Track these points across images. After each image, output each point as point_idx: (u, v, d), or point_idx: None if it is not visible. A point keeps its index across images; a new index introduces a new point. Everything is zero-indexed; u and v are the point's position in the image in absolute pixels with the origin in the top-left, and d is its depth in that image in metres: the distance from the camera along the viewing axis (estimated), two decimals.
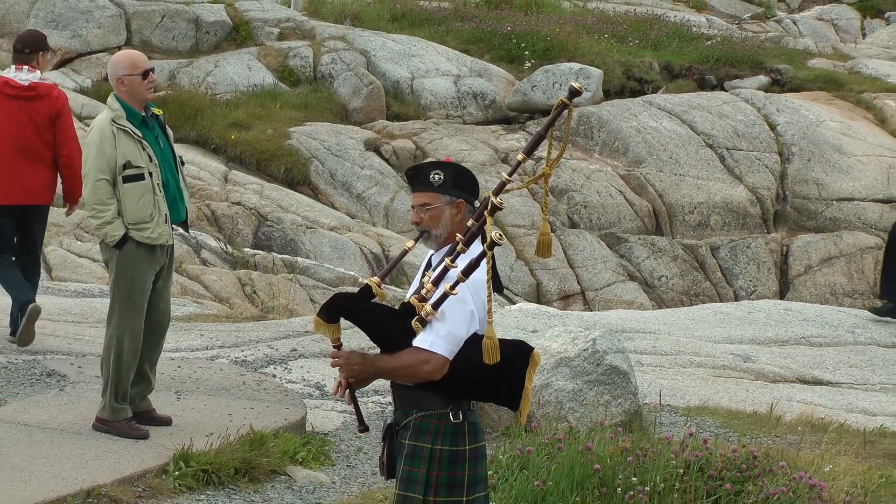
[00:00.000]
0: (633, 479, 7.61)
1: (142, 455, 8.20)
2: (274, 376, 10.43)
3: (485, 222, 5.24)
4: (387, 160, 21.49)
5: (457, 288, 5.24)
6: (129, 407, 8.59)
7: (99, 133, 8.34)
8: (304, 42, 24.52)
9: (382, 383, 10.01)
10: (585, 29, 27.27)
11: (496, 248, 5.23)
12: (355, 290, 5.57)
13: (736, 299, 19.76)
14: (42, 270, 15.28)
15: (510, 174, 5.32)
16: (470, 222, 5.36)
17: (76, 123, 19.70)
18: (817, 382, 11.71)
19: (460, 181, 5.47)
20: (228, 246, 17.34)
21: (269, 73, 23.49)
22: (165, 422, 8.63)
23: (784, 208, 22.09)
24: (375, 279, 5.44)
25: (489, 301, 5.28)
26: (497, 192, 5.29)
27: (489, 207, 5.25)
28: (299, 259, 17.18)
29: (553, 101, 23.11)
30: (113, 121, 8.38)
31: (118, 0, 23.98)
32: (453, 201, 5.44)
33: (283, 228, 18.51)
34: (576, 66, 24.07)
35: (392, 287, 16.99)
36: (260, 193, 19.22)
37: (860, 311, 14.87)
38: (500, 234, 5.17)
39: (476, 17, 27.40)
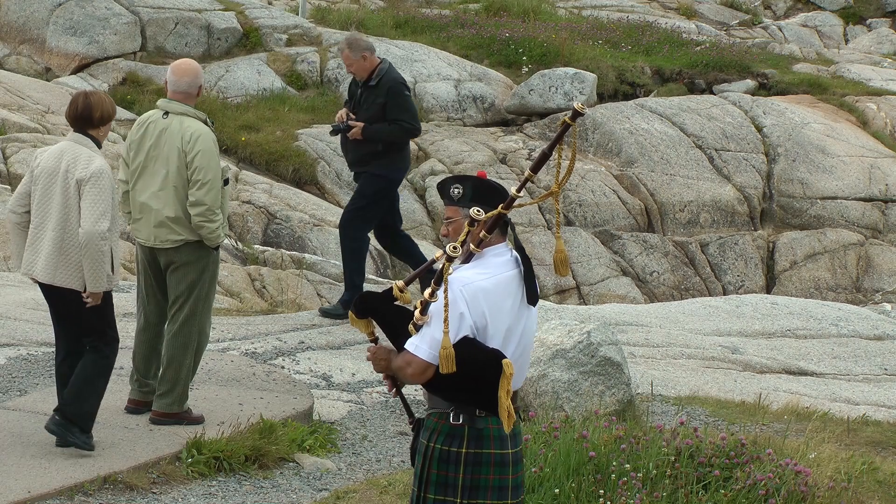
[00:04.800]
0: (627, 465, 7.60)
1: (156, 443, 8.30)
2: (282, 367, 10.36)
3: (468, 232, 5.27)
4: None
5: (436, 295, 5.24)
6: None
7: (212, 143, 8.50)
8: (311, 48, 24.57)
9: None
10: (580, 35, 27.13)
11: (525, 260, 5.39)
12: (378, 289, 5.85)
13: (724, 294, 19.76)
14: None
15: (518, 190, 5.28)
16: (482, 233, 5.34)
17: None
18: (802, 373, 11.72)
19: (480, 194, 5.40)
20: (239, 243, 17.41)
21: (277, 77, 23.55)
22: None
23: (770, 206, 22.15)
24: (400, 283, 5.43)
25: (446, 310, 5.21)
26: (507, 207, 5.29)
27: (469, 218, 5.24)
28: (307, 255, 17.22)
29: (549, 105, 23.40)
30: (210, 129, 8.61)
31: (133, 8, 24.02)
32: (488, 212, 5.30)
33: (291, 226, 18.56)
34: (571, 70, 24.07)
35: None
36: (269, 192, 19.36)
37: (843, 305, 14.93)
38: (454, 247, 5.17)
39: (476, 23, 27.28)
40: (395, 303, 5.44)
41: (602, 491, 7.49)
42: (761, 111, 23.79)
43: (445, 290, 5.23)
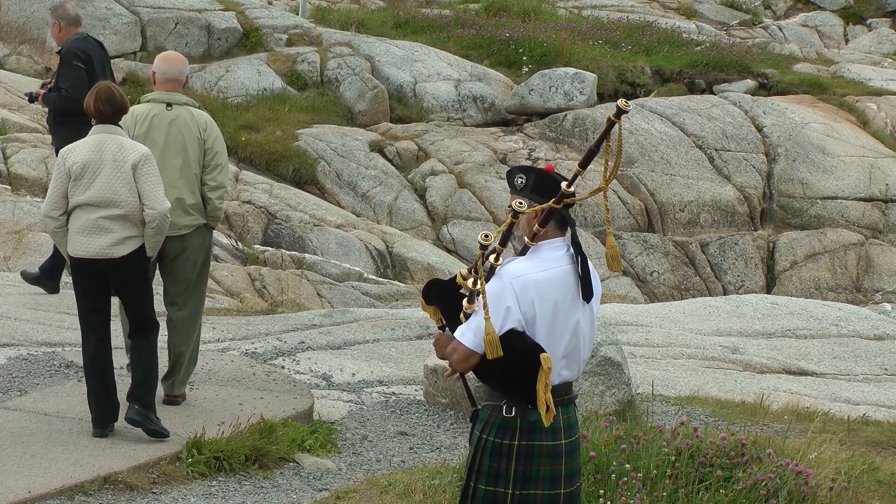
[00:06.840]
0: (627, 465, 7.58)
1: (156, 443, 8.31)
2: (282, 367, 10.38)
3: (512, 224, 5.32)
4: (390, 161, 21.68)
5: (478, 284, 5.29)
6: None
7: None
8: (311, 48, 24.65)
9: (389, 374, 10.24)
10: (580, 35, 27.27)
11: (588, 257, 5.45)
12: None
13: (724, 294, 19.87)
14: (64, 267, 15.71)
15: (569, 185, 5.32)
16: (536, 226, 5.36)
17: None
18: (802, 373, 11.72)
19: (540, 186, 5.40)
20: (239, 243, 17.50)
21: (277, 77, 23.62)
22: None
23: (770, 206, 22.25)
24: (464, 270, 5.43)
25: (484, 296, 5.24)
26: (557, 202, 5.31)
27: (511, 212, 5.29)
28: (307, 255, 17.34)
29: (549, 105, 23.52)
30: None
31: (134, 8, 24.06)
32: (532, 205, 5.36)
33: (292, 226, 18.69)
34: (571, 70, 24.17)
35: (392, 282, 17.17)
36: (269, 193, 19.46)
37: (843, 305, 14.96)
38: (485, 235, 5.23)
39: (476, 23, 27.42)
40: (460, 291, 5.46)
41: (602, 491, 7.46)
42: (761, 111, 23.88)
43: (478, 275, 5.27)
